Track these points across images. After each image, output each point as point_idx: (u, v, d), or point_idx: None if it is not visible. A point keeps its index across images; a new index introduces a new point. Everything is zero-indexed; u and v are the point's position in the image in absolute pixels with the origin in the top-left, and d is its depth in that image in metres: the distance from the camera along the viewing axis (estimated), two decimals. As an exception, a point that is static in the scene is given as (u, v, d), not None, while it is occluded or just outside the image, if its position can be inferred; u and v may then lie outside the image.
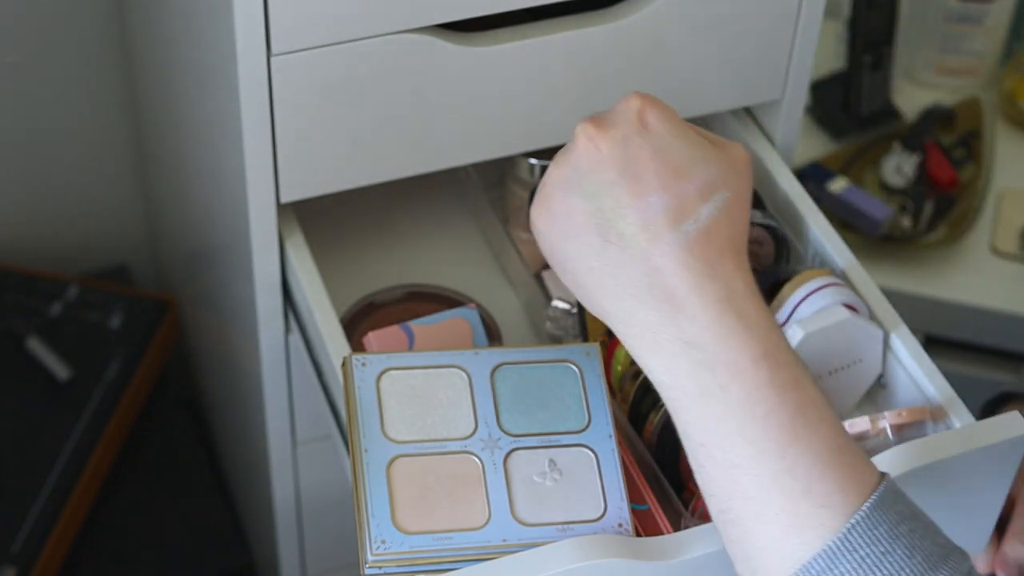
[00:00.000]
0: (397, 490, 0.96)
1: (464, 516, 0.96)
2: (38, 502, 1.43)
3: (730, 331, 0.85)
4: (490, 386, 1.01)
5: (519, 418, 1.00)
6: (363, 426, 0.98)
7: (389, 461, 0.97)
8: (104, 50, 1.60)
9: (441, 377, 1.01)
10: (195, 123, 1.29)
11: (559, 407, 1.01)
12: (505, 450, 0.98)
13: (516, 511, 0.96)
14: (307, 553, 1.40)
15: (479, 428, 0.99)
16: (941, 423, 1.05)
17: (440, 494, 0.96)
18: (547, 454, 0.99)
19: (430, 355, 1.01)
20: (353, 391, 0.99)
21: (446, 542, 0.94)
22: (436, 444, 0.98)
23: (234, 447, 1.55)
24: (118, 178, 1.70)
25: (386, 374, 1.00)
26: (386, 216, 1.33)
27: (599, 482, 0.98)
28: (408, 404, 0.99)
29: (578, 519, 0.97)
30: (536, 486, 0.97)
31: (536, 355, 1.03)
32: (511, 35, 1.12)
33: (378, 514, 0.94)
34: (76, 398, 1.51)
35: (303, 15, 1.04)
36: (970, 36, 1.76)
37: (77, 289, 1.60)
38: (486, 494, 0.96)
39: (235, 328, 1.33)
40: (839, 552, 0.82)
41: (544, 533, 0.96)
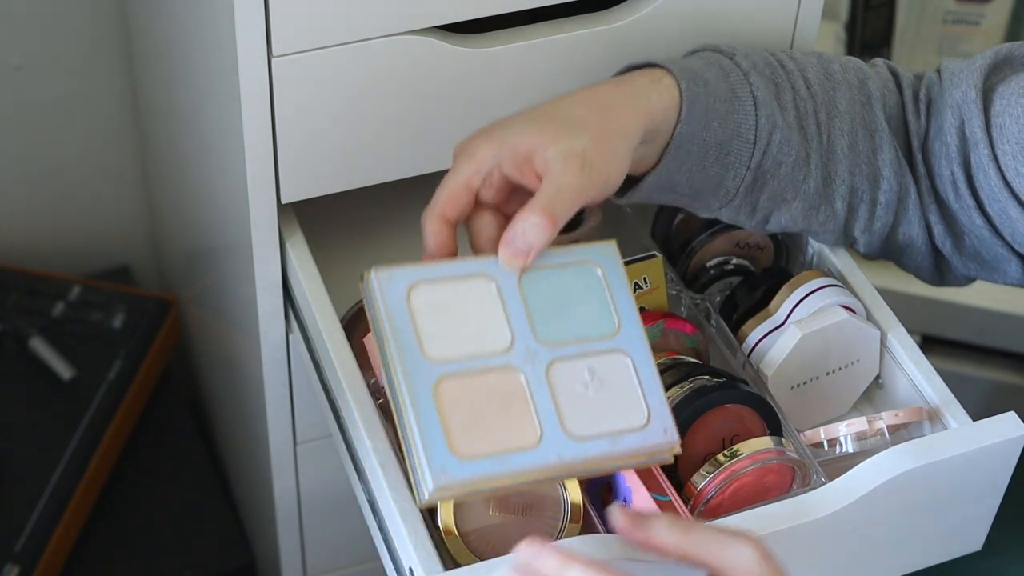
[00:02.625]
0: (447, 414, 0.92)
1: (517, 435, 0.93)
2: (41, 501, 1.43)
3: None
4: (519, 293, 0.97)
5: (553, 326, 0.96)
6: (402, 348, 0.92)
7: (434, 384, 0.92)
8: (106, 52, 1.60)
9: (470, 287, 0.96)
10: (196, 124, 1.29)
11: (589, 311, 0.98)
12: (545, 361, 0.95)
13: (566, 425, 0.94)
14: (308, 552, 1.40)
15: (516, 340, 0.95)
16: (938, 423, 1.06)
17: (490, 414, 0.93)
18: (586, 363, 0.96)
19: (454, 265, 0.97)
20: (383, 309, 0.93)
21: (505, 464, 0.92)
22: (477, 361, 0.94)
23: (235, 446, 1.55)
24: (120, 179, 1.70)
25: (415, 288, 0.95)
26: (386, 216, 1.33)
27: (639, 387, 0.96)
28: (442, 319, 0.94)
29: (625, 428, 0.95)
30: (579, 397, 0.95)
31: (558, 258, 0.98)
32: (511, 36, 1.12)
33: (434, 441, 0.90)
34: (79, 397, 1.51)
35: (304, 17, 1.04)
36: (968, 38, 1.77)
37: (79, 289, 1.60)
38: (534, 410, 0.94)
39: (236, 328, 1.33)
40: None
41: (596, 446, 0.94)
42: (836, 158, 1.07)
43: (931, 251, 1.13)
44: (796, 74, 1.07)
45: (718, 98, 1.03)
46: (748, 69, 1.05)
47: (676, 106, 1.02)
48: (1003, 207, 1.07)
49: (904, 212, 1.10)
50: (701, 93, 1.02)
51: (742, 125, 1.03)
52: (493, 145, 0.99)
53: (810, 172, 1.06)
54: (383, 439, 1.02)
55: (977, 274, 1.14)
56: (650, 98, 1.01)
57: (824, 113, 1.07)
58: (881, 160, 1.08)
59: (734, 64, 1.05)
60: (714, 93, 1.03)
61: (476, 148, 0.99)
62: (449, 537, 0.99)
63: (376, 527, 1.04)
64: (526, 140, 0.98)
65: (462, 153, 1.00)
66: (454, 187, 0.99)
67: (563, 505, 1.01)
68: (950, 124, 1.09)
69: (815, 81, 1.07)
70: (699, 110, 1.02)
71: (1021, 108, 1.05)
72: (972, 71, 1.09)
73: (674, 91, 1.02)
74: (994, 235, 1.09)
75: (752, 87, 1.05)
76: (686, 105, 1.02)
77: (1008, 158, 1.06)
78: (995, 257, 1.11)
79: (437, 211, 1.00)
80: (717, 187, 1.05)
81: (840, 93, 1.08)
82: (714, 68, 1.04)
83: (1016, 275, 1.12)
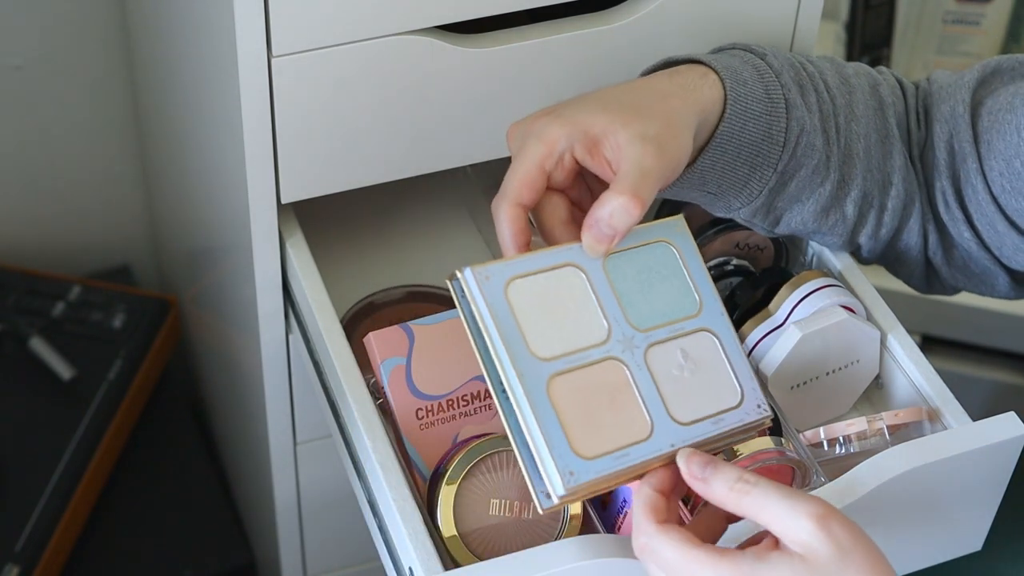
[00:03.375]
0: (564, 413, 0.90)
1: (630, 428, 0.92)
2: (41, 501, 1.43)
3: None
4: (607, 280, 0.95)
5: (642, 311, 0.95)
6: (511, 348, 0.90)
7: (547, 383, 0.90)
8: (107, 51, 1.60)
9: (561, 278, 0.94)
10: (196, 124, 1.29)
11: (672, 292, 0.97)
12: (642, 348, 0.94)
13: (671, 411, 0.93)
14: (308, 552, 1.40)
15: (613, 329, 0.94)
16: (938, 423, 1.06)
17: (601, 409, 0.91)
18: (677, 345, 0.95)
19: (539, 256, 0.94)
20: (485, 309, 0.91)
21: (624, 460, 0.91)
22: (580, 355, 0.92)
23: (235, 446, 1.55)
24: (120, 179, 1.70)
25: (512, 284, 0.92)
26: (386, 216, 1.33)
27: (729, 366, 0.96)
28: (542, 315, 0.92)
29: (723, 408, 0.95)
30: (677, 381, 0.94)
31: (636, 238, 0.96)
32: (511, 36, 1.12)
33: (556, 444, 0.89)
34: (79, 397, 1.51)
35: (303, 17, 1.04)
36: (968, 38, 1.77)
37: (80, 289, 1.60)
38: (641, 399, 0.93)
39: (236, 328, 1.33)
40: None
41: (701, 430, 0.93)
42: (852, 162, 1.07)
43: (924, 260, 1.13)
44: (817, 77, 1.07)
45: (755, 99, 1.03)
46: (779, 70, 1.05)
47: (720, 103, 1.02)
48: (991, 221, 1.07)
49: (907, 220, 1.10)
50: (742, 93, 1.02)
51: (773, 127, 1.03)
52: (565, 125, 0.96)
53: (828, 175, 1.06)
54: (383, 439, 1.02)
55: (965, 286, 1.14)
56: (702, 91, 1.01)
57: (843, 116, 1.07)
58: (891, 166, 1.08)
59: (767, 65, 1.05)
60: (752, 94, 1.03)
61: (546, 129, 0.96)
62: (449, 537, 0.99)
63: (376, 527, 1.04)
64: (598, 122, 0.95)
65: (530, 135, 0.96)
66: (529, 169, 0.95)
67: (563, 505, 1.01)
68: (939, 138, 1.09)
69: (833, 85, 1.07)
70: (740, 110, 1.02)
71: (1008, 124, 1.05)
72: (961, 86, 1.09)
73: (719, 89, 1.02)
74: (982, 248, 1.09)
75: (784, 89, 1.04)
76: (730, 104, 1.01)
77: (995, 173, 1.06)
78: (983, 270, 1.11)
79: (512, 197, 0.95)
80: (743, 187, 1.05)
81: (856, 97, 1.08)
82: (749, 68, 1.04)
83: (1004, 289, 1.12)
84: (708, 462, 0.90)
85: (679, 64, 1.04)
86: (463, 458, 1.00)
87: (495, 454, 1.01)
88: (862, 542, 0.86)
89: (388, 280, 1.25)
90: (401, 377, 1.05)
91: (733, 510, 0.89)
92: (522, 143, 0.96)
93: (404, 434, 1.05)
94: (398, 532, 0.99)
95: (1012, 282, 1.11)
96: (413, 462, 1.04)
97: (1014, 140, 1.05)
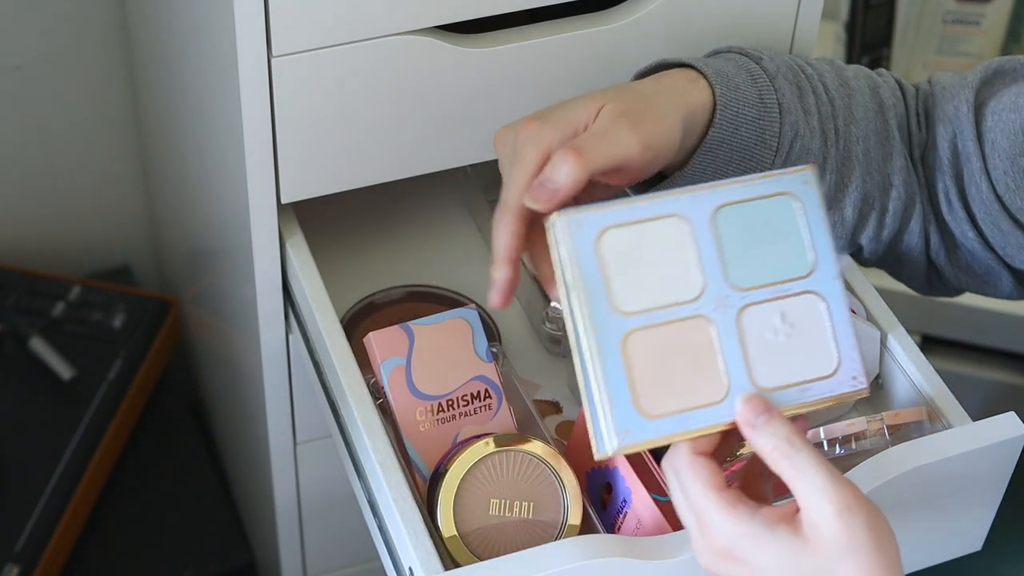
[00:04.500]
0: (635, 370, 0.89)
1: (703, 390, 0.90)
2: (41, 501, 1.43)
3: None
4: (713, 233, 0.91)
5: (745, 269, 0.92)
6: (589, 300, 0.88)
7: (622, 338, 0.89)
8: (106, 51, 1.60)
9: (661, 230, 0.91)
10: (196, 124, 1.29)
11: (784, 250, 0.93)
12: (736, 308, 0.91)
13: (753, 376, 0.91)
14: (308, 552, 1.40)
15: (708, 286, 0.91)
16: (938, 423, 1.06)
17: (678, 369, 0.90)
18: (777, 307, 0.92)
19: (643, 206, 0.91)
20: (569, 258, 0.89)
21: (688, 422, 0.89)
22: (666, 311, 0.90)
23: (235, 446, 1.55)
24: (120, 179, 1.70)
25: (605, 234, 0.90)
26: (386, 216, 1.33)
27: (831, 332, 0.92)
28: (631, 267, 0.90)
29: (813, 376, 0.92)
30: (769, 344, 0.91)
31: (755, 189, 0.92)
32: (511, 36, 1.12)
33: (619, 400, 0.88)
34: (79, 397, 1.51)
35: (303, 17, 1.04)
36: (968, 38, 1.77)
37: (80, 289, 1.60)
38: (722, 362, 0.90)
39: (236, 328, 1.33)
40: None
41: (784, 397, 0.91)
42: (850, 164, 1.07)
43: (926, 262, 1.13)
44: (816, 79, 1.07)
45: (747, 103, 1.03)
46: (774, 74, 1.05)
47: (710, 108, 1.01)
48: (995, 221, 1.07)
49: (908, 221, 1.10)
50: (732, 98, 1.02)
51: (767, 132, 1.03)
52: (557, 127, 0.95)
53: (824, 177, 1.06)
54: (383, 439, 1.02)
55: (968, 286, 1.14)
56: (691, 95, 1.00)
57: (842, 119, 1.07)
58: (891, 168, 1.08)
59: (761, 69, 1.05)
60: (743, 98, 1.03)
61: (538, 134, 0.95)
62: (449, 538, 0.99)
63: (376, 527, 1.04)
64: (581, 113, 0.95)
65: (525, 142, 0.95)
66: (529, 177, 0.94)
67: (563, 505, 1.01)
68: (942, 138, 1.09)
69: (832, 87, 1.07)
70: (730, 115, 1.02)
71: (1012, 123, 1.05)
72: (964, 85, 1.09)
73: (708, 94, 1.01)
74: (985, 248, 1.09)
75: (778, 93, 1.04)
76: (719, 109, 1.01)
77: (999, 172, 1.06)
78: (986, 270, 1.11)
79: (515, 207, 0.93)
80: None
81: (856, 100, 1.08)
82: (742, 72, 1.04)
83: (1007, 289, 1.12)
84: (765, 410, 0.89)
85: (670, 68, 1.04)
86: (463, 458, 1.00)
87: (495, 454, 1.01)
88: (877, 548, 0.86)
89: (388, 280, 1.25)
90: (401, 377, 1.05)
91: (771, 467, 0.89)
92: (517, 151, 0.95)
93: (404, 434, 1.05)
94: (398, 532, 0.99)
95: (1016, 282, 1.11)
96: (413, 462, 1.04)
97: (1019, 139, 1.05)
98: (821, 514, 0.86)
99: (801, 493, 0.87)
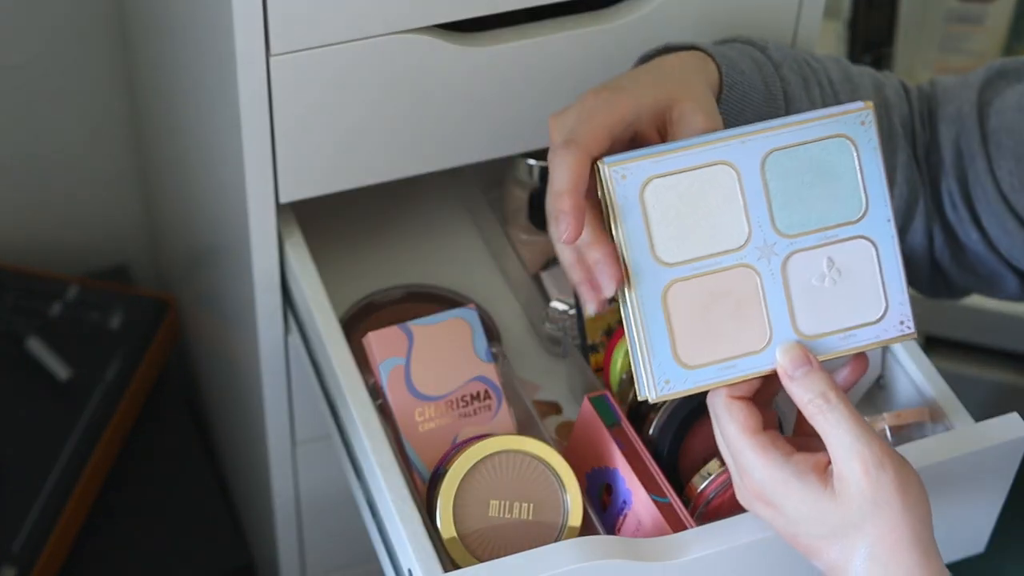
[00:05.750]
0: (676, 320, 0.89)
1: (745, 338, 0.90)
2: (38, 502, 1.43)
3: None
4: (761, 180, 0.91)
5: (794, 215, 0.91)
6: (632, 251, 0.89)
7: (664, 289, 0.89)
8: (104, 51, 1.60)
9: (708, 179, 0.90)
10: (195, 123, 1.29)
11: (834, 193, 0.92)
12: (782, 255, 0.91)
13: (798, 324, 0.91)
14: (307, 553, 1.40)
15: (753, 234, 0.91)
16: (940, 424, 1.05)
17: (719, 318, 0.90)
18: (825, 252, 0.91)
19: (691, 153, 0.90)
20: (613, 207, 0.89)
21: (730, 371, 0.90)
22: (710, 261, 0.90)
23: (234, 447, 1.55)
24: (118, 179, 1.70)
25: (650, 184, 0.90)
26: (386, 216, 1.33)
27: (879, 276, 0.92)
28: (676, 217, 0.90)
29: (859, 323, 0.92)
30: (815, 290, 0.91)
31: (808, 132, 0.91)
32: (511, 35, 1.12)
33: (658, 351, 0.89)
34: (76, 398, 1.51)
35: (302, 15, 1.04)
36: (970, 36, 1.76)
37: (77, 289, 1.60)
38: (765, 309, 0.91)
39: (235, 328, 1.33)
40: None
41: (826, 344, 0.91)
42: None
43: (930, 263, 1.12)
44: (821, 72, 1.08)
45: (752, 88, 1.03)
46: (780, 62, 1.06)
47: (716, 88, 1.02)
48: (1001, 221, 1.07)
49: (911, 219, 1.10)
50: (739, 81, 1.03)
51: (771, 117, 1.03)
52: (631, 99, 0.95)
53: None
54: (382, 440, 1.02)
55: (974, 288, 1.14)
56: (702, 69, 1.01)
57: None
58: (895, 163, 1.08)
59: (766, 57, 1.06)
60: (749, 83, 1.03)
61: (614, 98, 0.94)
62: (448, 539, 0.99)
63: (375, 528, 1.04)
64: (661, 94, 0.96)
65: (596, 107, 0.94)
66: (602, 125, 0.93)
67: (563, 506, 1.01)
68: (946, 138, 1.09)
69: (837, 81, 1.08)
70: (737, 95, 1.02)
71: (1018, 123, 1.05)
72: (967, 87, 1.09)
73: (715, 75, 1.02)
74: (990, 250, 1.09)
75: (783, 82, 1.05)
76: (726, 89, 1.02)
77: (1005, 172, 1.06)
78: (991, 272, 1.11)
79: (584, 144, 0.92)
80: None
81: (860, 95, 1.08)
82: (747, 59, 1.05)
83: (1013, 290, 1.12)
84: (804, 362, 0.90)
85: (678, 50, 1.04)
86: (463, 459, 1.00)
87: (495, 455, 1.01)
88: (904, 507, 0.87)
89: (388, 280, 1.25)
90: (400, 378, 1.05)
91: (807, 419, 0.90)
92: (587, 112, 0.94)
93: (403, 435, 1.04)
94: (397, 533, 0.99)
95: (1021, 283, 1.11)
96: (412, 463, 1.04)
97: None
98: (850, 470, 0.87)
99: (832, 448, 0.88)
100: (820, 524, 0.89)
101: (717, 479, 1.00)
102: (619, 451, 1.02)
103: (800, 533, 0.90)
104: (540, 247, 1.25)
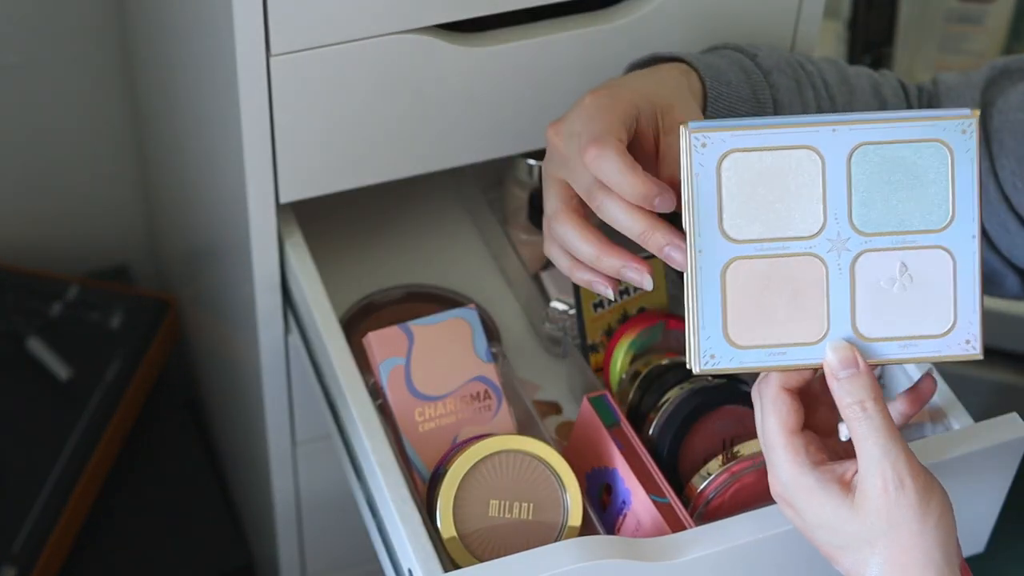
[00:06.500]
0: (732, 297, 0.88)
1: (800, 328, 0.89)
2: (39, 502, 1.43)
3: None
4: (846, 172, 0.89)
5: (873, 213, 0.89)
6: (700, 221, 0.88)
7: (725, 264, 0.88)
8: (104, 50, 1.60)
9: (791, 160, 0.88)
10: (195, 123, 1.29)
11: (921, 199, 0.89)
12: (853, 252, 0.89)
13: (857, 324, 0.89)
14: (307, 553, 1.40)
15: (827, 225, 0.89)
16: (940, 424, 1.05)
17: (777, 303, 0.89)
18: (899, 256, 0.89)
19: (779, 133, 0.89)
20: (688, 176, 0.88)
21: (778, 357, 0.89)
22: (777, 244, 0.89)
23: (234, 447, 1.55)
24: (118, 178, 1.70)
25: (729, 156, 0.88)
26: (386, 216, 1.33)
27: (952, 291, 0.89)
28: (751, 194, 0.88)
29: (922, 334, 0.90)
30: (882, 293, 0.89)
31: (903, 132, 0.89)
32: (511, 35, 1.12)
33: (709, 325, 0.88)
34: (76, 398, 1.51)
35: (302, 15, 1.04)
36: (970, 36, 1.76)
37: (77, 289, 1.60)
38: (826, 303, 0.89)
39: (235, 328, 1.33)
40: None
41: (884, 350, 0.90)
42: None
43: None
44: (815, 75, 1.07)
45: (740, 99, 1.03)
46: (770, 69, 1.05)
47: (700, 101, 1.02)
48: (1002, 221, 1.07)
49: None
50: (724, 93, 1.02)
51: None
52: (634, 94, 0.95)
53: None
54: (382, 440, 1.02)
55: None
56: (684, 86, 1.01)
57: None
58: None
59: (755, 65, 1.05)
60: (736, 94, 1.03)
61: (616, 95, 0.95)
62: (448, 539, 0.99)
63: (375, 528, 1.04)
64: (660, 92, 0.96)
65: (599, 107, 0.94)
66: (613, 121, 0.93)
67: (563, 506, 1.01)
68: None
69: (833, 83, 1.07)
70: (722, 108, 1.02)
71: (1020, 123, 1.05)
72: (970, 85, 1.09)
73: (699, 87, 1.02)
74: (990, 250, 1.09)
75: (773, 89, 1.05)
76: (711, 102, 1.02)
77: (1007, 172, 1.06)
78: (991, 271, 1.11)
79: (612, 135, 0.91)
80: None
81: (857, 96, 1.08)
82: (735, 68, 1.04)
83: (1013, 289, 1.12)
84: (852, 364, 0.89)
85: (663, 62, 1.04)
86: (463, 459, 1.00)
87: (495, 455, 1.01)
88: (921, 529, 0.87)
89: (388, 280, 1.25)
90: (400, 377, 1.05)
91: (846, 419, 0.89)
92: (592, 112, 0.94)
93: (403, 435, 1.04)
94: (397, 533, 0.98)
95: (1022, 282, 1.11)
96: (412, 463, 1.04)
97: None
98: (871, 485, 0.87)
99: (861, 459, 0.88)
100: (836, 534, 0.88)
101: (717, 479, 1.00)
102: (619, 451, 1.02)
103: (817, 538, 0.90)
104: (540, 247, 1.25)
